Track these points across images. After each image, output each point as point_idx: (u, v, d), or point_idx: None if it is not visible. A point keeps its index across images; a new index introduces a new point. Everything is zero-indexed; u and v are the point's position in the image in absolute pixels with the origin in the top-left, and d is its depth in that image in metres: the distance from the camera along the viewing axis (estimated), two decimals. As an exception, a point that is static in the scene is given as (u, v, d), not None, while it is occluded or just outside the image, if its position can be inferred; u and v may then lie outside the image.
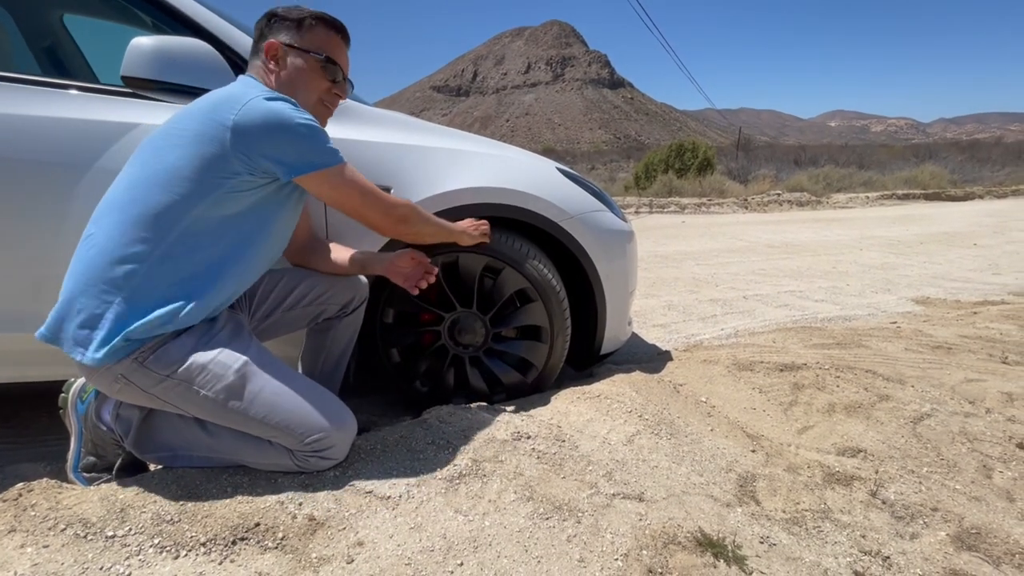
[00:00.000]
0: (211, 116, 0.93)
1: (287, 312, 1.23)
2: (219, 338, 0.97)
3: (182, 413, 0.98)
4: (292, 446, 0.98)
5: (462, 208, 1.43)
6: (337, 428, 1.00)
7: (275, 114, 0.93)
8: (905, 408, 1.53)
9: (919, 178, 12.68)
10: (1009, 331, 2.42)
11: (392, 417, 1.60)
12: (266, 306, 1.20)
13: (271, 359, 1.01)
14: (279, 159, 0.95)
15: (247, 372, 0.95)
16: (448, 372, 1.57)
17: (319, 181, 1.00)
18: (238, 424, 0.97)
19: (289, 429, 0.96)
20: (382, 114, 1.50)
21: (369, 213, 1.06)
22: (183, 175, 0.92)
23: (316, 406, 0.99)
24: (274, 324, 1.22)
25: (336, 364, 1.36)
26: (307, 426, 0.97)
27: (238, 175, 0.94)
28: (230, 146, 0.91)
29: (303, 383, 1.02)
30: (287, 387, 0.97)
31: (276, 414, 0.95)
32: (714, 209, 9.98)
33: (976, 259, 4.88)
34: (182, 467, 1.01)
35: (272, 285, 1.21)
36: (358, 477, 1.02)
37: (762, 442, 1.35)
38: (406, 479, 1.02)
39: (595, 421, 1.33)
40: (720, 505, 1.07)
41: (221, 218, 0.96)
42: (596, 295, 1.62)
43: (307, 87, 1.08)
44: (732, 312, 3.04)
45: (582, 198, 1.60)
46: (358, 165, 1.38)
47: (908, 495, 1.15)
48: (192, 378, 0.92)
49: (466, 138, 1.59)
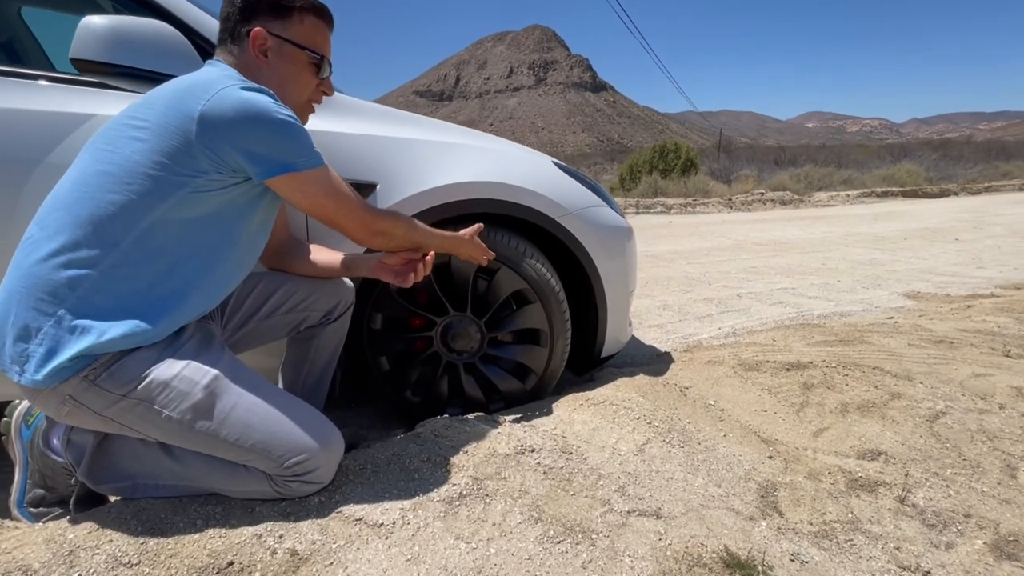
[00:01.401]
0: (176, 105, 0.81)
1: (264, 321, 1.11)
2: (185, 350, 0.85)
3: (143, 437, 0.87)
4: (270, 470, 0.87)
5: (454, 204, 1.34)
6: (321, 448, 0.90)
7: (251, 105, 0.81)
8: (919, 406, 1.47)
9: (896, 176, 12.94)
10: (1006, 324, 2.40)
11: (383, 431, 1.49)
12: (240, 315, 1.08)
13: (245, 372, 0.90)
14: (252, 156, 0.83)
15: (217, 388, 0.84)
16: (441, 380, 1.46)
17: (294, 185, 0.87)
18: (208, 447, 0.86)
19: (266, 451, 0.85)
20: (367, 105, 1.40)
21: (346, 223, 0.95)
22: (141, 171, 0.80)
23: (297, 424, 0.88)
24: (250, 334, 1.11)
25: (320, 376, 1.25)
26: (287, 447, 0.86)
27: (204, 173, 0.82)
28: (196, 139, 0.80)
29: (282, 398, 0.91)
30: (263, 403, 0.86)
31: (251, 435, 0.84)
32: (700, 209, 10.03)
33: (959, 254, 4.93)
34: (144, 498, 0.90)
35: (246, 291, 1.10)
36: (346, 502, 0.91)
37: (778, 447, 1.28)
38: (400, 503, 0.92)
39: (601, 430, 1.24)
40: (743, 519, 0.99)
41: (185, 221, 0.84)
42: (596, 295, 1.53)
43: (297, 85, 0.98)
44: (728, 311, 2.98)
45: (580, 193, 1.52)
46: (342, 159, 1.28)
47: (937, 500, 1.08)
48: (153, 397, 0.81)
49: (457, 131, 1.50)
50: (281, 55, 0.94)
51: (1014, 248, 5.20)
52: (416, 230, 1.07)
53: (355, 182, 1.27)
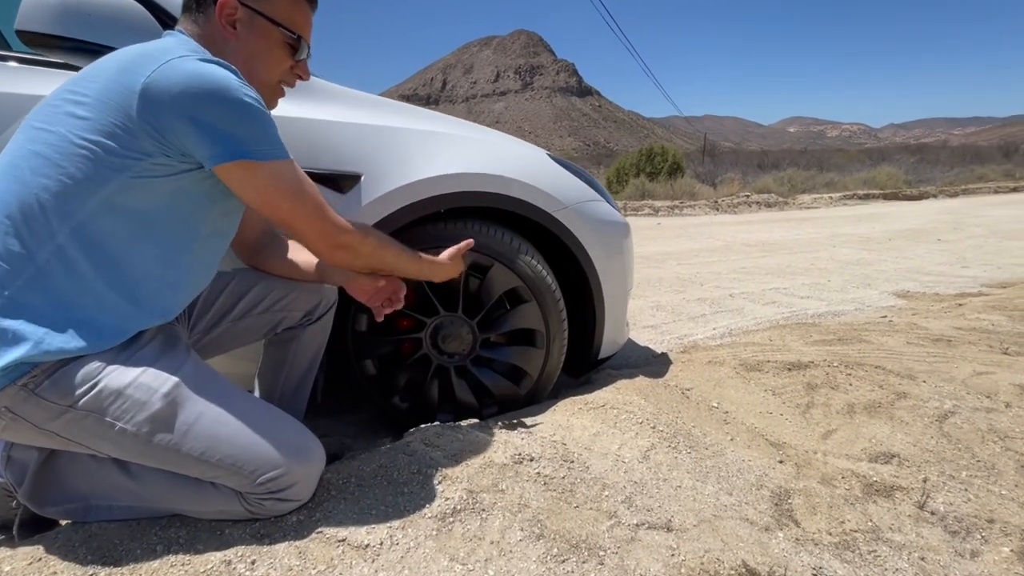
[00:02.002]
0: (118, 77, 0.71)
1: (237, 322, 1.02)
2: (143, 354, 0.75)
3: (94, 453, 0.77)
4: (241, 488, 0.78)
5: (443, 197, 1.26)
6: (299, 461, 0.81)
7: (206, 79, 0.70)
8: (926, 406, 1.43)
9: (877, 179, 13.17)
10: (1000, 322, 2.39)
11: (368, 439, 1.40)
12: (210, 315, 0.99)
13: (213, 379, 0.80)
14: (201, 138, 0.71)
15: (179, 396, 0.74)
16: (431, 384, 1.38)
17: (246, 177, 0.75)
18: (169, 463, 0.76)
19: (236, 467, 0.76)
20: (349, 92, 1.31)
21: (304, 230, 0.82)
22: (78, 152, 0.70)
23: (271, 435, 0.79)
24: (221, 337, 1.02)
25: (300, 381, 1.15)
26: (260, 461, 0.77)
27: (148, 156, 0.72)
28: (137, 116, 0.69)
29: (255, 407, 0.81)
30: (232, 413, 0.77)
31: (218, 448, 0.75)
32: (687, 211, 10.07)
33: (943, 253, 4.98)
34: (97, 522, 0.79)
35: (217, 290, 1.00)
36: (328, 521, 0.82)
37: (787, 451, 1.22)
38: (388, 521, 0.83)
39: (603, 435, 1.17)
40: (758, 530, 0.92)
41: (133, 212, 0.74)
42: (594, 294, 1.46)
43: (268, 64, 0.87)
44: (721, 311, 2.94)
45: (576, 186, 1.45)
46: (324, 148, 1.19)
47: (958, 505, 1.03)
48: (104, 407, 0.71)
49: (446, 120, 1.42)
50: (252, 28, 0.84)
51: (995, 248, 5.28)
52: (387, 249, 0.94)
53: (339, 173, 1.19)
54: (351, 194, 1.20)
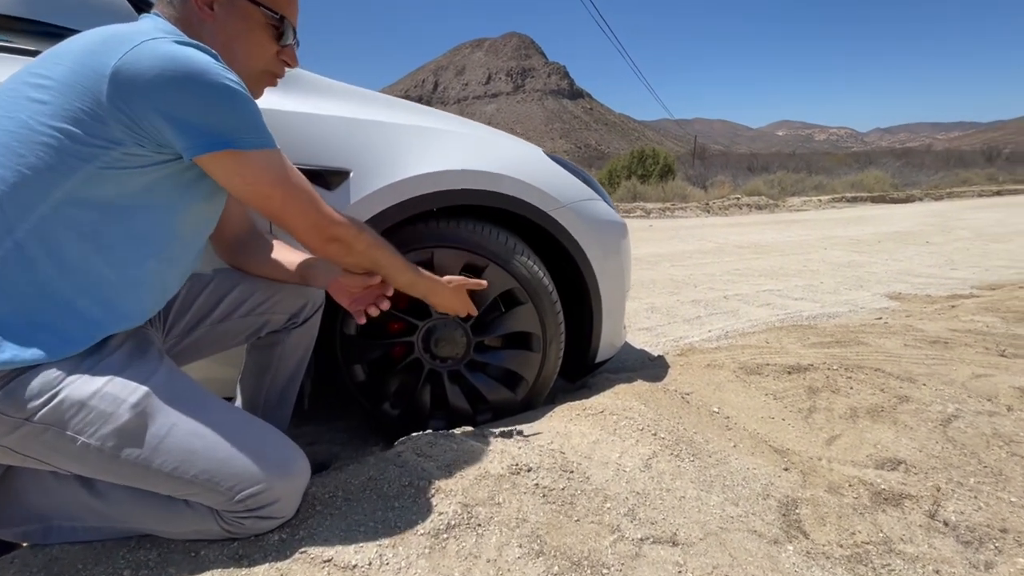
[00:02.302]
0: (87, 59, 0.65)
1: (217, 325, 0.96)
2: (110, 362, 0.69)
3: (55, 470, 0.70)
4: (218, 505, 0.72)
5: (437, 195, 1.20)
6: (281, 476, 0.75)
7: (183, 63, 0.65)
8: (928, 409, 1.40)
9: (865, 182, 13.32)
10: (994, 323, 2.39)
11: (357, 447, 1.35)
12: (188, 318, 0.93)
13: (187, 387, 0.74)
14: (181, 127, 0.66)
15: (149, 407, 0.68)
16: (423, 390, 1.32)
17: (233, 167, 0.70)
18: (138, 481, 0.70)
19: (212, 482, 0.70)
20: (337, 85, 1.26)
21: (295, 221, 0.78)
22: (39, 140, 0.64)
23: (251, 448, 0.73)
24: (200, 341, 0.95)
25: (285, 387, 1.10)
26: (238, 477, 0.71)
27: (119, 144, 0.65)
28: (107, 102, 0.63)
29: (233, 417, 0.76)
30: (208, 424, 0.71)
31: (193, 463, 0.69)
32: (678, 213, 10.10)
33: (932, 256, 5.02)
34: (59, 544, 0.73)
35: (196, 291, 0.94)
36: (312, 540, 0.77)
37: (791, 457, 1.18)
38: (377, 538, 0.78)
39: (602, 443, 1.12)
40: (767, 543, 0.88)
41: (98, 207, 0.67)
42: (591, 295, 1.42)
43: (251, 50, 0.81)
44: (716, 313, 2.92)
45: (573, 185, 1.41)
46: (312, 142, 1.14)
47: (968, 514, 1.00)
48: (65, 420, 0.65)
49: (438, 116, 1.37)
50: (231, 9, 0.79)
51: (981, 250, 5.33)
52: (381, 250, 0.90)
53: (327, 168, 1.13)
54: (339, 191, 1.14)
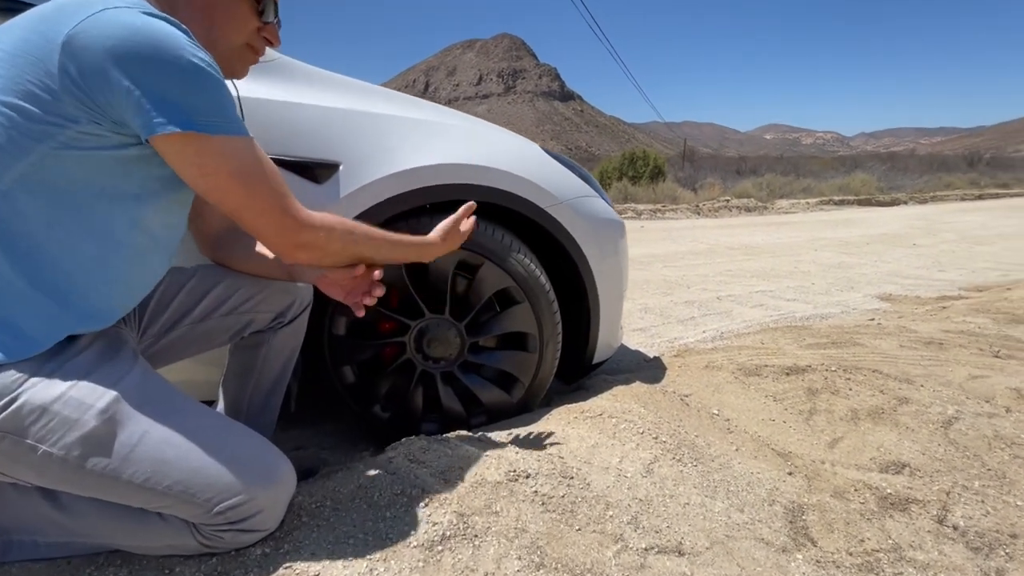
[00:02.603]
0: (36, 27, 0.59)
1: (198, 324, 0.90)
2: (76, 364, 0.64)
3: (15, 481, 0.65)
4: (195, 518, 0.67)
5: (429, 189, 1.16)
6: (264, 485, 0.70)
7: (146, 34, 0.58)
8: (928, 411, 1.39)
9: (851, 185, 13.49)
10: (985, 324, 2.40)
11: (346, 453, 1.29)
12: (166, 317, 0.87)
13: (162, 391, 0.69)
14: (138, 100, 0.58)
15: (118, 413, 0.63)
16: (415, 393, 1.28)
17: (190, 152, 0.62)
18: (106, 492, 0.65)
19: (188, 494, 0.65)
20: (327, 74, 1.20)
21: (257, 222, 0.68)
22: None
23: (232, 455, 0.68)
24: (179, 341, 0.90)
25: (270, 390, 1.04)
26: (217, 487, 0.66)
27: (74, 123, 0.59)
28: (58, 73, 0.57)
29: (211, 422, 0.70)
30: (184, 431, 0.66)
31: (167, 473, 0.64)
32: (669, 215, 10.13)
33: (920, 258, 5.07)
34: (20, 561, 0.68)
35: (175, 288, 0.88)
36: (298, 554, 0.72)
37: (795, 461, 1.15)
38: (368, 552, 0.73)
39: (602, 447, 1.09)
40: (775, 551, 0.85)
41: (54, 191, 0.61)
42: (589, 295, 1.38)
43: (226, 19, 0.74)
44: (710, 313, 2.91)
45: (571, 181, 1.37)
46: (301, 133, 1.08)
47: (976, 519, 0.97)
48: (24, 427, 0.59)
49: (433, 108, 1.33)
50: None
51: (967, 253, 5.40)
52: (359, 242, 0.79)
53: (315, 161, 1.08)
54: (328, 185, 1.09)
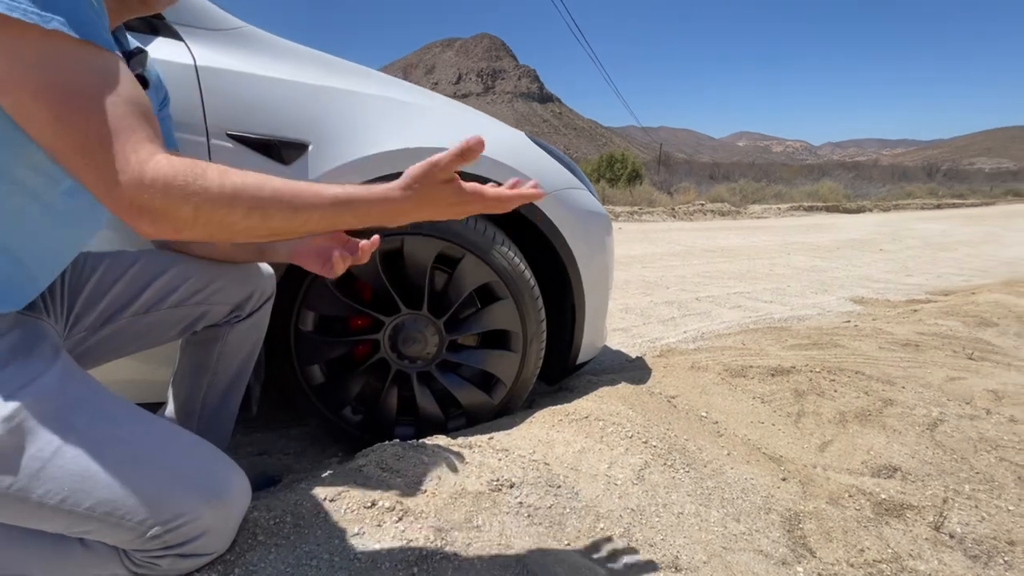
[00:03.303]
0: None
1: (140, 317, 0.79)
2: (-23, 361, 0.53)
3: None
4: (125, 543, 0.57)
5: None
6: (210, 502, 0.60)
7: None
8: (913, 413, 1.37)
9: (820, 192, 13.91)
10: (956, 327, 2.44)
11: (313, 459, 1.19)
12: (102, 308, 0.76)
13: (88, 393, 0.59)
14: None
15: (26, 421, 0.52)
16: (389, 394, 1.19)
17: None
18: (13, 516, 0.54)
19: (115, 516, 0.55)
20: (297, 47, 1.10)
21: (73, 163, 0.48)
22: None
23: (170, 468, 0.58)
24: (117, 336, 0.79)
25: (227, 392, 0.94)
26: (152, 506, 0.56)
27: None
28: None
29: (147, 428, 0.60)
30: (111, 440, 0.56)
31: (88, 492, 0.54)
32: (645, 217, 10.22)
33: (887, 262, 5.22)
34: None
35: (113, 275, 0.77)
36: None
37: (787, 466, 1.11)
38: (334, 575, 0.64)
39: (589, 452, 1.02)
40: (775, 563, 0.80)
41: None
42: (574, 292, 1.31)
43: None
44: (690, 314, 2.89)
45: (558, 172, 1.30)
46: (262, 108, 0.99)
47: (973, 525, 0.94)
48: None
49: (413, 90, 1.24)
50: None
51: (931, 258, 5.59)
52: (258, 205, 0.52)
53: (281, 139, 0.99)
54: (296, 166, 1.00)
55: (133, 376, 0.99)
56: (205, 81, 0.94)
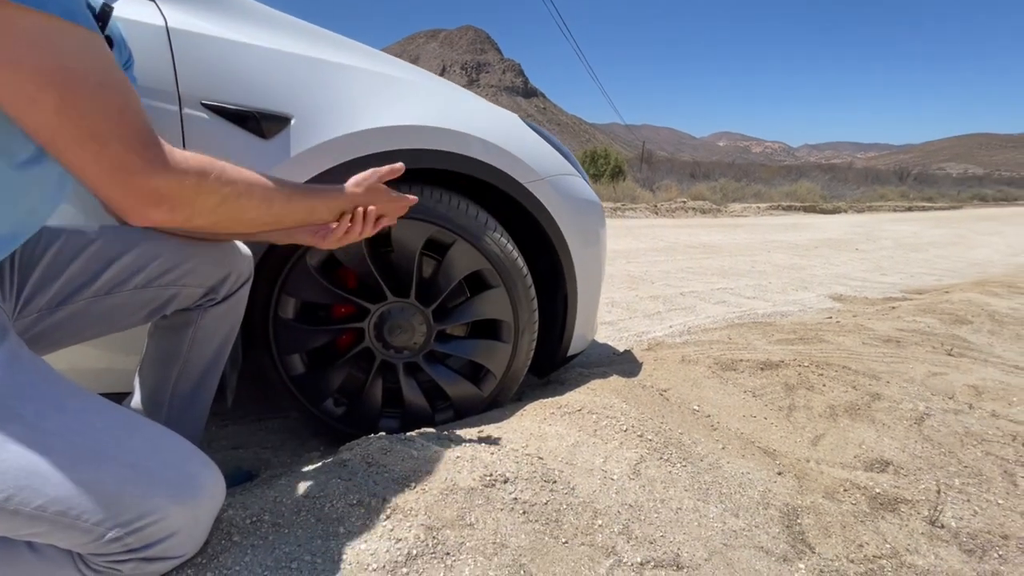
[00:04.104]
0: None
1: (101, 299, 0.72)
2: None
3: None
4: (80, 547, 0.51)
5: (394, 155, 1.01)
6: (178, 499, 0.54)
7: None
8: (900, 407, 1.38)
9: (798, 192, 14.20)
10: (934, 324, 2.49)
11: (292, 453, 1.13)
12: (57, 287, 0.69)
13: (38, 380, 0.52)
14: None
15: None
16: (374, 385, 1.13)
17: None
18: (-51, 517, 0.48)
19: (68, 517, 0.49)
20: (280, 15, 1.03)
21: (77, 157, 0.46)
22: None
23: (131, 463, 0.52)
24: (75, 319, 0.72)
25: (200, 381, 0.87)
26: (110, 505, 0.50)
27: None
28: None
29: (106, 419, 0.54)
30: (63, 431, 0.50)
31: (37, 490, 0.47)
32: (628, 213, 10.27)
33: (863, 262, 5.34)
34: None
35: (72, 251, 0.70)
36: (224, 586, 0.57)
37: (781, 459, 1.10)
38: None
39: (583, 446, 0.99)
40: (776, 560, 0.78)
41: None
42: (567, 281, 1.28)
43: None
44: (675, 308, 2.89)
45: (552, 157, 1.26)
46: (241, 78, 0.91)
47: (966, 519, 0.94)
48: None
49: (404, 66, 1.18)
50: None
51: (904, 258, 5.74)
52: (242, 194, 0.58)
53: (261, 112, 0.92)
54: (276, 141, 0.93)
55: (95, 364, 0.91)
56: (178, 45, 0.87)
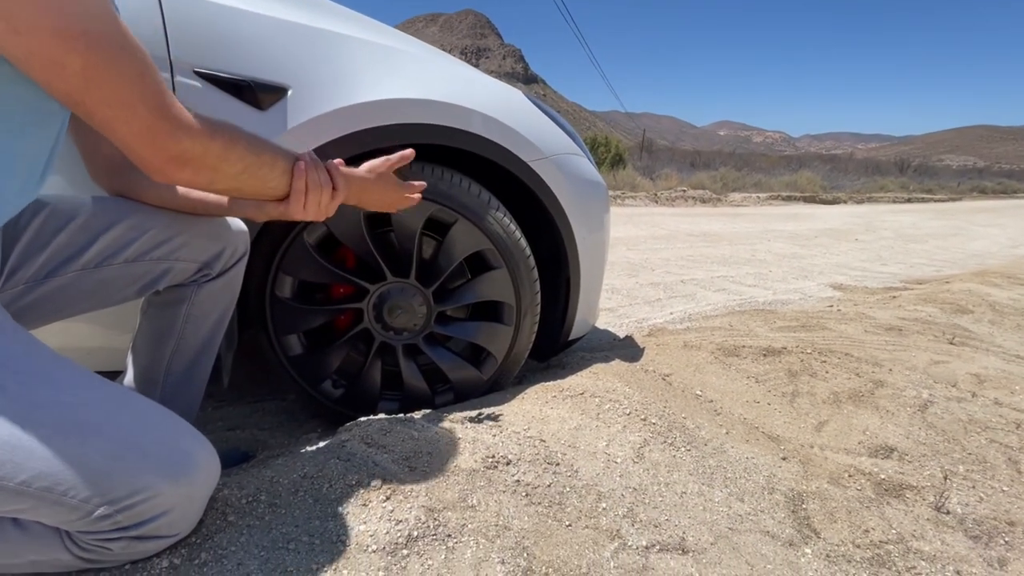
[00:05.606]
0: None
1: (90, 272, 0.70)
2: None
3: None
4: (68, 524, 0.49)
5: (395, 129, 0.98)
6: (173, 478, 0.52)
7: None
8: (904, 395, 1.37)
9: (798, 183, 14.13)
10: (935, 314, 2.48)
11: (290, 434, 1.12)
12: (44, 258, 0.66)
13: (23, 352, 0.50)
14: None
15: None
16: (373, 367, 1.11)
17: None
18: (-70, 492, 0.46)
19: (55, 493, 0.47)
20: (274, -20, 0.99)
21: (106, 115, 0.47)
22: None
23: (122, 439, 0.50)
24: (63, 292, 0.69)
25: (195, 360, 0.85)
26: (99, 482, 0.48)
27: None
28: None
29: (96, 395, 0.52)
30: (50, 406, 0.47)
31: (21, 465, 0.45)
32: (628, 201, 10.21)
33: (863, 252, 5.32)
34: None
35: (59, 221, 0.67)
36: (220, 565, 0.55)
37: (785, 445, 1.08)
38: (314, 560, 0.58)
39: (586, 429, 0.97)
40: (782, 545, 0.76)
41: None
42: (570, 263, 1.25)
43: None
44: (675, 296, 2.88)
45: (557, 136, 1.22)
46: (236, 46, 0.88)
47: (971, 505, 0.93)
48: None
49: (406, 39, 1.14)
50: None
51: (903, 249, 5.73)
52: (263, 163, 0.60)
53: (257, 82, 0.88)
54: (272, 112, 0.90)
55: (86, 342, 0.89)
56: (169, 8, 0.83)
